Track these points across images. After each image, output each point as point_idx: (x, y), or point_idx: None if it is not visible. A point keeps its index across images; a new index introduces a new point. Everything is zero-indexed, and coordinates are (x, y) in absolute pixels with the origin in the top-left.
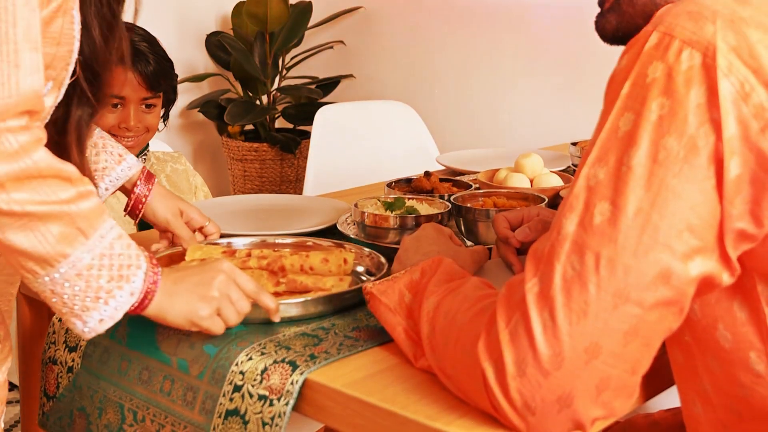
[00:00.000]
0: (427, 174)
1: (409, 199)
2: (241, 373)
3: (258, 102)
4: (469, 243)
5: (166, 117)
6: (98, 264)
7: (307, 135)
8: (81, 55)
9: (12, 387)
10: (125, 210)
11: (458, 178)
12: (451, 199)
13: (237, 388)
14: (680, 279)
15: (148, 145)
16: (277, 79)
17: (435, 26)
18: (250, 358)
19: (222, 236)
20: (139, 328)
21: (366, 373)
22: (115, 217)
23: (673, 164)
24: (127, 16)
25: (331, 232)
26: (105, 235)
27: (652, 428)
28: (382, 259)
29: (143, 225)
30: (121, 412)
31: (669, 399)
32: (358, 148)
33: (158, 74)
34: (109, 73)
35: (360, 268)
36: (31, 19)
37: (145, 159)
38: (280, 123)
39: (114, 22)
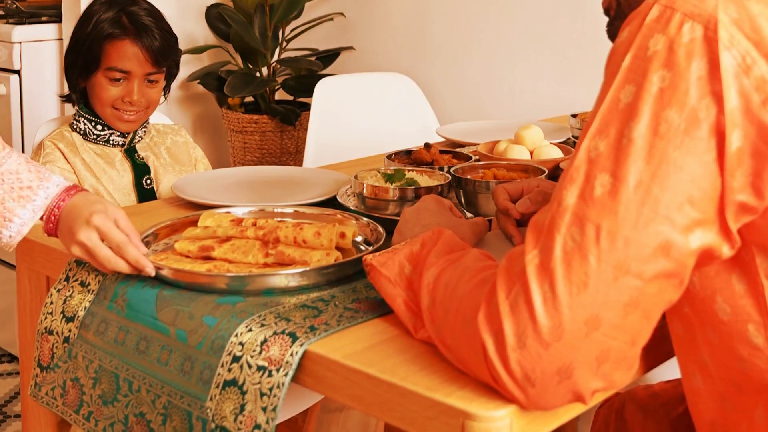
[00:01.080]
0: (427, 146)
1: (408, 170)
2: (241, 344)
3: (258, 74)
4: (469, 215)
5: (167, 90)
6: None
7: (307, 107)
8: None
9: (12, 358)
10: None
11: (458, 149)
12: (451, 170)
13: (236, 359)
14: (680, 251)
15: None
16: (277, 51)
17: None
18: (250, 330)
19: (225, 207)
20: (138, 299)
21: (366, 345)
22: (113, 189)
23: (674, 137)
24: None
25: (330, 204)
26: (2, 163)
27: (652, 400)
28: (380, 229)
29: (144, 197)
30: (116, 382)
31: (669, 370)
32: (358, 120)
33: (164, 50)
34: None
35: (359, 238)
36: None
37: (145, 132)
38: (280, 95)
39: None
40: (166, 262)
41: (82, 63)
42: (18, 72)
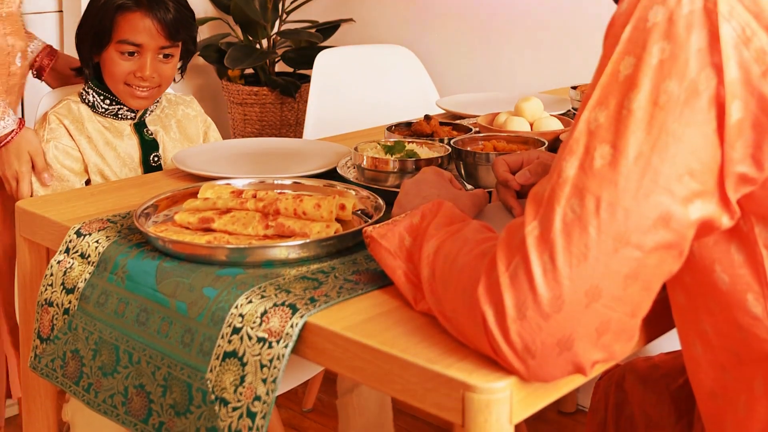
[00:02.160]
0: (427, 118)
1: (409, 142)
2: (241, 315)
3: (258, 46)
4: (469, 186)
5: (183, 69)
6: None
7: (307, 79)
8: None
9: None
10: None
11: (458, 121)
12: (451, 142)
13: (236, 331)
14: (680, 222)
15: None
16: (277, 23)
17: None
18: (250, 301)
19: (225, 179)
20: (138, 271)
21: (366, 317)
22: (120, 166)
23: (673, 108)
24: None
25: (330, 176)
26: None
27: (652, 371)
28: (380, 201)
29: (148, 170)
30: (116, 353)
31: (669, 342)
32: (358, 91)
33: (178, 23)
34: None
35: (359, 210)
36: None
37: (156, 104)
38: (280, 67)
39: None
40: (166, 234)
41: (93, 36)
42: None
